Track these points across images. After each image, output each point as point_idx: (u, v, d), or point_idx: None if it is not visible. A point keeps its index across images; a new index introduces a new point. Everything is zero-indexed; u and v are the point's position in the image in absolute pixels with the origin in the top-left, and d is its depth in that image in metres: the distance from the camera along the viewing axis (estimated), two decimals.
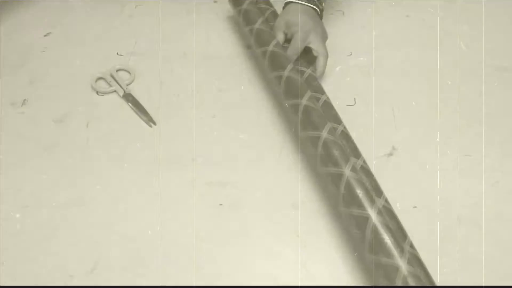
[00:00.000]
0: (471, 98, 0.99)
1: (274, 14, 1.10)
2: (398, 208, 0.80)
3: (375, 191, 0.78)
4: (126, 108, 0.97)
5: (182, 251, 0.77)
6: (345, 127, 0.87)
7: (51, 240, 0.78)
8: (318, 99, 0.90)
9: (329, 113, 0.89)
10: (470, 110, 0.97)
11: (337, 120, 0.88)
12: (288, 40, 1.01)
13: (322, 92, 0.93)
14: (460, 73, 1.04)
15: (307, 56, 1.00)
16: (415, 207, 0.82)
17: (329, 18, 1.14)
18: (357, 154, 0.83)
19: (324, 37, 1.02)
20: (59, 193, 0.84)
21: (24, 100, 0.98)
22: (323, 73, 0.99)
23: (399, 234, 0.73)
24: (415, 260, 0.71)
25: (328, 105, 0.91)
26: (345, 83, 1.02)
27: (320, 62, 0.98)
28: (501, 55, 1.08)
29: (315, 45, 0.99)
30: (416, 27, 1.15)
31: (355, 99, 0.99)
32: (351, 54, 1.08)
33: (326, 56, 0.99)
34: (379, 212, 0.73)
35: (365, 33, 1.13)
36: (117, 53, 1.07)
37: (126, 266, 0.76)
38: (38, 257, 0.77)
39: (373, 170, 0.82)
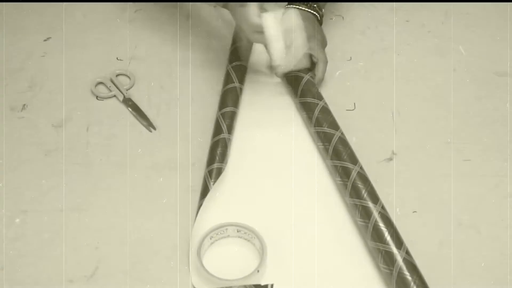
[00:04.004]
0: (470, 103, 0.99)
1: None
2: (398, 213, 0.80)
3: (371, 198, 0.78)
4: (126, 113, 0.97)
5: (182, 255, 0.77)
6: (342, 133, 0.87)
7: (51, 245, 0.78)
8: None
9: (327, 119, 0.89)
10: (469, 115, 0.97)
11: (335, 126, 0.88)
12: (287, 46, 1.01)
13: (320, 97, 0.93)
14: (460, 78, 1.04)
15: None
16: (415, 211, 0.82)
17: (329, 23, 1.14)
18: (354, 160, 0.83)
19: (324, 43, 1.02)
20: (59, 198, 0.84)
21: (24, 104, 0.98)
22: (322, 79, 0.99)
23: (395, 241, 0.74)
24: (411, 268, 0.71)
25: (325, 110, 0.91)
26: (344, 87, 1.02)
27: (319, 68, 0.98)
28: (500, 60, 1.08)
29: (314, 52, 0.99)
30: (415, 32, 1.15)
31: (354, 103, 0.99)
32: (351, 59, 1.08)
33: (326, 63, 0.99)
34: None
35: (364, 38, 1.14)
36: (117, 58, 1.07)
37: (125, 271, 0.76)
38: (37, 262, 0.77)
39: (373, 175, 0.82)
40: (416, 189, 0.86)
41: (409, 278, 0.70)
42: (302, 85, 0.95)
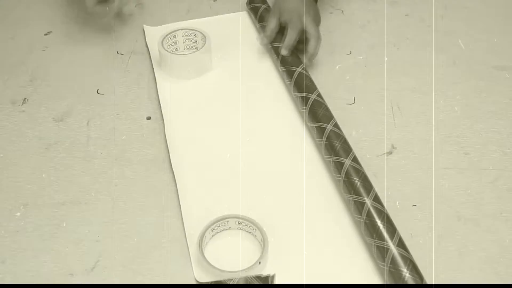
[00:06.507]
0: (469, 97, 1.00)
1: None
2: (397, 207, 0.80)
3: (364, 189, 0.78)
4: (127, 107, 0.97)
5: (182, 248, 0.78)
6: (335, 124, 0.87)
7: (52, 239, 0.79)
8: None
9: (318, 112, 0.89)
10: (468, 109, 0.98)
11: (326, 119, 0.88)
12: (281, 29, 1.01)
13: (313, 90, 0.93)
14: (459, 72, 1.04)
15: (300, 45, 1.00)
16: (414, 205, 0.83)
17: (329, 17, 1.15)
18: (346, 153, 0.83)
19: (316, 19, 1.01)
20: (59, 192, 0.84)
21: (25, 98, 0.98)
22: (314, 55, 0.98)
23: (389, 233, 0.74)
24: (404, 261, 0.71)
25: (317, 103, 0.90)
26: (344, 81, 1.02)
27: (311, 44, 0.98)
28: (499, 54, 1.08)
29: (307, 28, 0.98)
30: (415, 26, 1.16)
31: (354, 97, 0.99)
32: (350, 53, 1.08)
33: (318, 38, 0.98)
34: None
35: (364, 32, 1.14)
36: (117, 52, 1.08)
37: (126, 264, 0.76)
38: (38, 256, 0.77)
39: (373, 169, 0.83)
40: (415, 182, 0.86)
41: (403, 273, 0.70)
42: (295, 78, 0.95)
